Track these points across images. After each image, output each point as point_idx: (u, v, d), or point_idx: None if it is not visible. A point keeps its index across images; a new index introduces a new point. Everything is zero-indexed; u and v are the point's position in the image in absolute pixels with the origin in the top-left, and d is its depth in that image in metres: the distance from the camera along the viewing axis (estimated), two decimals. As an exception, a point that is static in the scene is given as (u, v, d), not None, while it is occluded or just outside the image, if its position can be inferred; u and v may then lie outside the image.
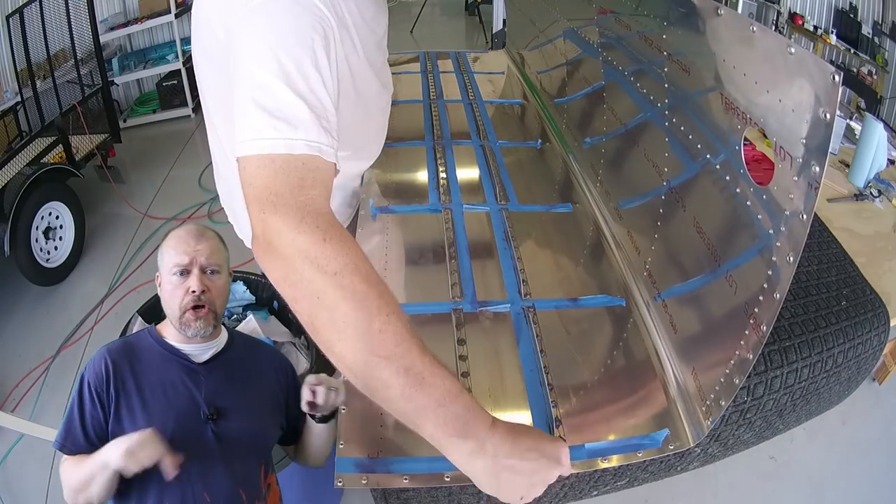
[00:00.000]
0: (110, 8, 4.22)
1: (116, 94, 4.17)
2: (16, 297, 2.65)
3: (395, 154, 1.86)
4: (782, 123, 0.78)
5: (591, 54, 1.58)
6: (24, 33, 2.94)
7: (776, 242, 0.81)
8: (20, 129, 3.07)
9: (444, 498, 1.11)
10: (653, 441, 0.99)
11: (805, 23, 3.46)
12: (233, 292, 1.56)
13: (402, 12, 6.33)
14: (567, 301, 1.27)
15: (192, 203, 3.25)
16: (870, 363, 1.33)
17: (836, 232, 1.58)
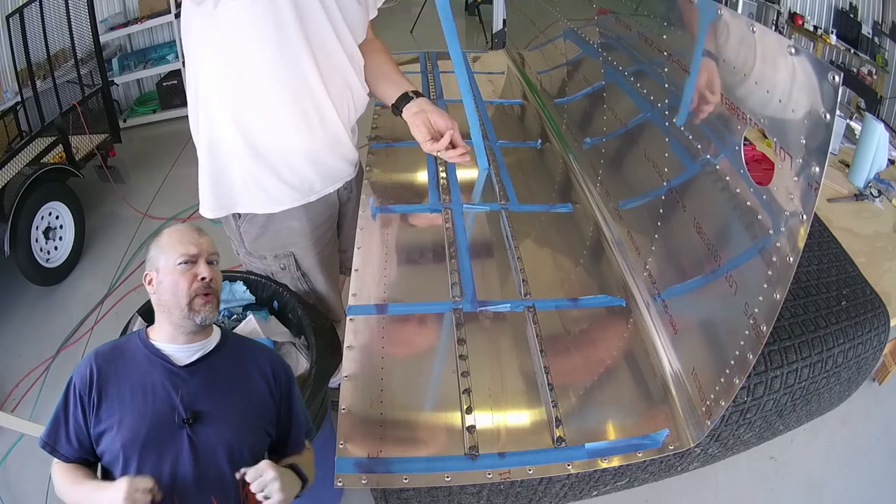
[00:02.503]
0: (110, 8, 4.21)
1: (116, 94, 4.16)
2: (16, 297, 2.65)
3: (395, 154, 1.86)
4: (782, 123, 0.78)
5: (591, 54, 1.58)
6: (24, 33, 2.93)
7: (776, 242, 0.81)
8: (20, 129, 3.07)
9: (444, 498, 1.11)
10: (653, 441, 0.99)
11: (805, 23, 3.46)
12: (233, 292, 1.55)
13: (402, 12, 6.32)
14: (567, 301, 1.27)
15: (192, 203, 3.24)
16: (870, 363, 1.33)
17: (836, 232, 1.58)
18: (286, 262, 1.42)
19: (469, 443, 0.96)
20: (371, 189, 1.65)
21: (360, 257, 1.38)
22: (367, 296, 1.26)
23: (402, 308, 1.23)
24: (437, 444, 0.98)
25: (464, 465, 0.94)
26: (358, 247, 1.41)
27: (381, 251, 1.41)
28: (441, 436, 1.00)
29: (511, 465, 0.94)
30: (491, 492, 1.11)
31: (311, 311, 1.52)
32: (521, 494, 1.13)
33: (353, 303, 1.24)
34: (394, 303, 1.24)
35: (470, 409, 1.02)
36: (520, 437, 1.00)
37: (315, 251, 1.44)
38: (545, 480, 1.08)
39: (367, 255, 1.39)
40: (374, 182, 1.69)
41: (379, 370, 1.10)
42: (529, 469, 0.95)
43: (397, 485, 0.95)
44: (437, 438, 0.99)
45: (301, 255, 1.42)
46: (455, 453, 0.96)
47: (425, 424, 1.03)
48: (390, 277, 1.33)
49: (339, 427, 0.99)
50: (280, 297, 1.56)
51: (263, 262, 1.44)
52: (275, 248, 1.39)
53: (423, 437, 1.00)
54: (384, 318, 1.21)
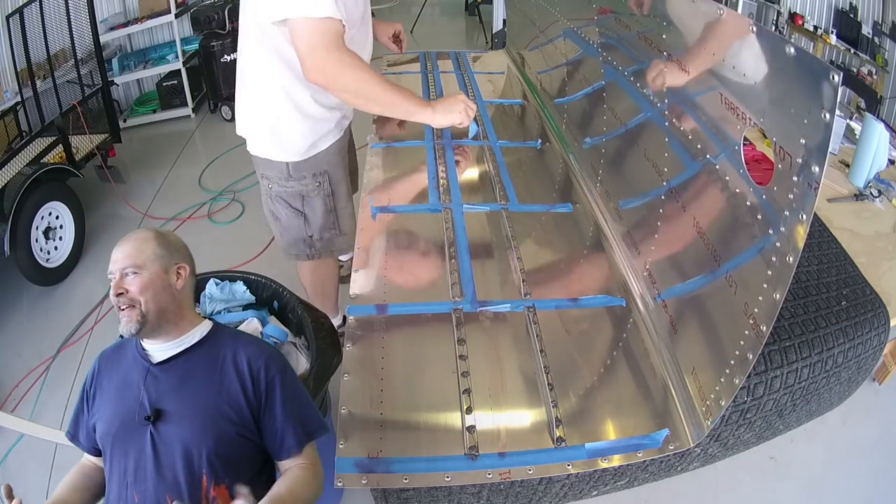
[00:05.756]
0: (110, 8, 4.21)
1: (116, 94, 4.16)
2: (16, 297, 2.65)
3: (395, 154, 1.86)
4: (782, 123, 0.78)
5: (591, 54, 1.58)
6: (24, 33, 2.93)
7: (776, 242, 0.81)
8: (20, 129, 3.07)
9: (444, 498, 1.11)
10: (653, 441, 0.99)
11: (805, 23, 3.46)
12: (233, 292, 1.55)
13: (402, 12, 6.33)
14: (567, 301, 1.27)
15: (192, 203, 3.25)
16: (870, 363, 1.33)
17: (836, 232, 1.58)
18: (321, 179, 1.72)
19: (469, 443, 0.96)
20: (371, 189, 1.65)
21: (360, 257, 1.38)
22: (367, 296, 1.27)
23: (402, 308, 1.23)
24: (437, 444, 0.98)
25: (464, 465, 0.94)
26: (358, 247, 1.41)
27: (382, 251, 1.41)
28: (441, 436, 1.00)
29: (511, 465, 0.94)
30: (491, 492, 1.11)
31: (311, 311, 1.52)
32: (521, 494, 1.13)
33: (353, 303, 1.24)
34: (394, 303, 1.24)
35: (470, 409, 1.02)
36: (520, 437, 1.00)
37: (342, 167, 1.79)
38: (545, 480, 1.08)
39: (368, 256, 1.39)
40: (374, 182, 1.69)
41: (379, 370, 1.10)
42: (529, 469, 0.95)
43: (397, 485, 0.95)
44: (437, 438, 0.99)
45: (332, 172, 1.74)
46: (455, 453, 0.96)
47: (425, 424, 1.03)
48: (390, 277, 1.33)
49: (339, 427, 0.99)
50: (280, 297, 1.56)
51: (302, 182, 1.71)
52: (314, 168, 1.69)
53: (423, 437, 1.00)
54: (384, 318, 1.21)
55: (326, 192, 1.74)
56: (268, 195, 1.75)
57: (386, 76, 1.66)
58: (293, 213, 1.74)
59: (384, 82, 1.49)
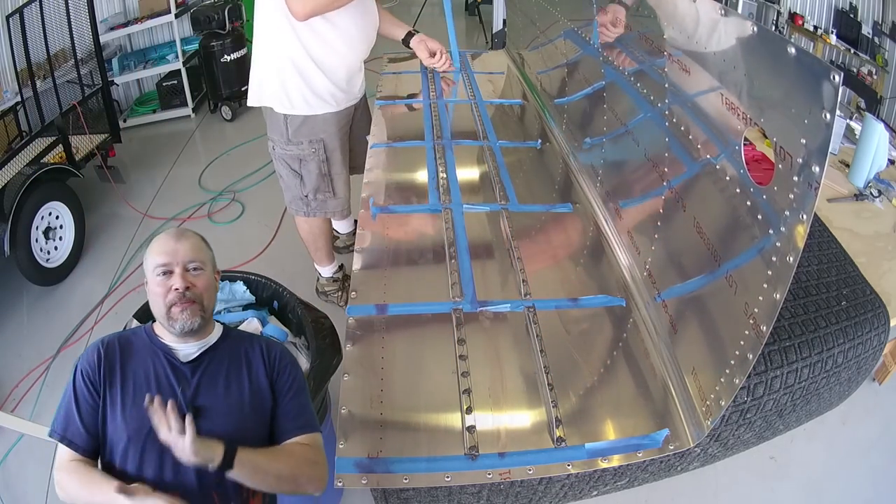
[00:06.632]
0: (110, 8, 4.21)
1: (116, 94, 4.16)
2: (16, 297, 2.65)
3: (395, 154, 1.86)
4: (782, 123, 0.78)
5: (591, 54, 1.58)
6: (24, 33, 2.93)
7: (776, 242, 0.81)
8: (20, 129, 3.06)
9: (444, 498, 1.11)
10: (653, 441, 0.99)
11: (805, 23, 3.46)
12: (233, 292, 1.56)
13: (403, 12, 6.32)
14: (567, 301, 1.27)
15: (192, 203, 3.24)
16: (870, 363, 1.33)
17: (836, 232, 1.58)
18: (317, 146, 1.94)
19: (469, 443, 0.96)
20: (371, 189, 1.65)
21: (360, 257, 1.38)
22: (367, 296, 1.27)
23: (402, 308, 1.23)
24: (437, 444, 0.98)
25: (464, 465, 0.94)
26: (358, 247, 1.41)
27: (382, 251, 1.41)
28: (441, 436, 1.00)
29: (511, 465, 0.94)
30: (491, 492, 1.11)
31: (311, 311, 1.52)
32: (521, 494, 1.13)
33: (353, 303, 1.24)
34: (394, 303, 1.24)
35: (470, 409, 1.02)
36: (520, 437, 1.00)
37: (338, 137, 1.98)
38: (545, 480, 1.08)
39: (368, 256, 1.39)
40: (374, 182, 1.69)
41: (379, 370, 1.10)
42: (529, 469, 0.95)
43: (397, 485, 0.95)
44: (437, 438, 0.99)
45: (328, 140, 1.95)
46: (455, 453, 0.96)
47: (425, 424, 1.03)
48: (390, 277, 1.33)
49: (339, 427, 0.99)
50: (280, 297, 1.56)
51: (300, 146, 1.94)
52: (310, 135, 1.92)
53: (423, 437, 1.00)
54: (384, 318, 1.21)
55: (321, 157, 1.96)
56: (273, 156, 2.02)
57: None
58: (292, 173, 2.01)
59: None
